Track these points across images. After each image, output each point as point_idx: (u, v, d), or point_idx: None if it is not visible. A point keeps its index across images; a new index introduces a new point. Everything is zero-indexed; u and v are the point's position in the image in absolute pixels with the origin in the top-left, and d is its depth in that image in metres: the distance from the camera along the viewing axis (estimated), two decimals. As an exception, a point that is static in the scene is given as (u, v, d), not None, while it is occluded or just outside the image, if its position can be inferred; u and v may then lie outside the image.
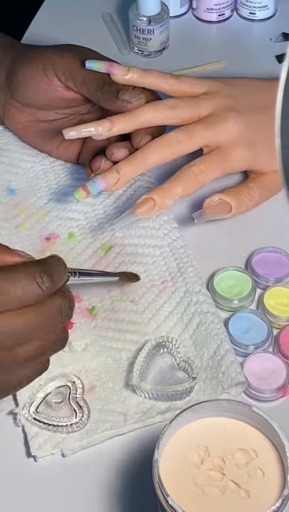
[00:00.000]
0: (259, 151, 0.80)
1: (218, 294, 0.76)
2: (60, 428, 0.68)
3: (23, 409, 0.69)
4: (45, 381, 0.70)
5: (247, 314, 0.75)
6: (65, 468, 0.67)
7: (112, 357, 0.72)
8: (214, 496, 0.56)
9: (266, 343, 0.73)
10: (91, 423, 0.68)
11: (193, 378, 0.69)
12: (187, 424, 0.59)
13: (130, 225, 0.80)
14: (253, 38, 1.06)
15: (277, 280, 0.77)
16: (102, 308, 0.76)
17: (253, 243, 0.81)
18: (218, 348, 0.72)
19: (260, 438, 0.58)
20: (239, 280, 0.77)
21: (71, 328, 0.74)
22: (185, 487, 0.56)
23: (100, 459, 0.67)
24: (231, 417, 0.59)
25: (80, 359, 0.72)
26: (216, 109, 0.81)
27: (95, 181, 0.76)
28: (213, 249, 0.81)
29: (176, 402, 0.69)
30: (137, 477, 0.66)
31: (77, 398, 0.69)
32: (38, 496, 0.66)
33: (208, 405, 0.59)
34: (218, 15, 1.06)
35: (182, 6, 1.07)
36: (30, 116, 0.85)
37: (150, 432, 0.68)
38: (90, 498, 0.65)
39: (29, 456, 0.67)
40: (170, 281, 0.77)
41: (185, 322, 0.74)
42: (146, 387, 0.69)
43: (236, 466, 0.57)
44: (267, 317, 0.74)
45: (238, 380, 0.69)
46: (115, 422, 0.68)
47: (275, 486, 0.56)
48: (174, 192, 0.76)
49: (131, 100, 0.77)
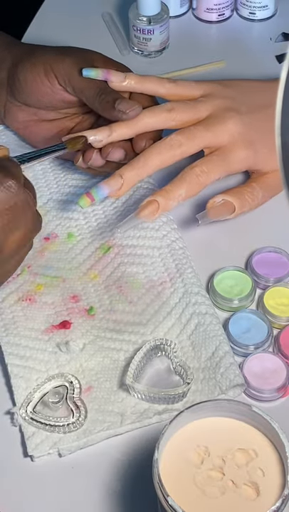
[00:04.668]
0: (259, 151, 0.80)
1: (219, 294, 0.76)
2: (57, 428, 0.68)
3: (20, 408, 0.69)
4: (43, 381, 0.70)
5: (247, 314, 0.75)
6: (64, 468, 0.67)
7: (110, 357, 0.72)
8: (214, 495, 0.56)
9: (266, 343, 0.73)
10: (88, 423, 0.68)
11: (187, 383, 0.69)
12: (187, 424, 0.59)
13: (134, 228, 0.79)
14: (253, 38, 1.05)
15: (277, 280, 0.77)
16: (101, 308, 0.76)
17: (253, 243, 0.80)
18: (217, 349, 0.72)
19: (260, 438, 0.58)
20: (239, 280, 0.77)
21: (69, 328, 0.74)
22: (185, 487, 0.56)
23: (100, 459, 0.67)
24: (231, 417, 0.59)
25: (77, 359, 0.72)
26: (215, 110, 0.81)
27: (99, 188, 0.76)
28: (213, 249, 0.81)
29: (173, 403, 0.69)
30: (137, 477, 0.66)
31: (75, 398, 0.69)
32: (35, 495, 0.66)
33: (208, 405, 0.59)
34: (218, 15, 1.06)
35: (182, 6, 1.07)
36: (32, 115, 0.85)
37: (150, 432, 0.68)
38: (90, 498, 0.65)
39: (26, 456, 0.67)
40: (169, 282, 0.77)
41: (183, 323, 0.74)
42: (140, 388, 0.69)
43: (236, 466, 0.57)
44: (267, 317, 0.74)
45: (236, 381, 0.69)
46: (112, 422, 0.68)
47: (275, 486, 0.56)
48: (176, 193, 0.76)
49: (126, 111, 0.77)
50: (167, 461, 0.57)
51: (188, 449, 0.58)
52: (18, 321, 0.75)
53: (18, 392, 0.70)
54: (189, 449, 0.58)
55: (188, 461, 0.57)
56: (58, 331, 0.74)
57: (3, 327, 0.74)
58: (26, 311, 0.75)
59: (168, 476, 0.56)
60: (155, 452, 0.56)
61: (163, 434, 0.57)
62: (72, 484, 0.66)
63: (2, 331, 0.74)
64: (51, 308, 0.76)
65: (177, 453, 0.57)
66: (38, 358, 0.72)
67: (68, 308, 0.75)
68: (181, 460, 0.57)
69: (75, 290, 0.77)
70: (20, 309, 0.75)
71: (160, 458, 0.56)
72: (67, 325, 0.74)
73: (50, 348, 0.73)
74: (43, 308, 0.76)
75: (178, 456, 0.57)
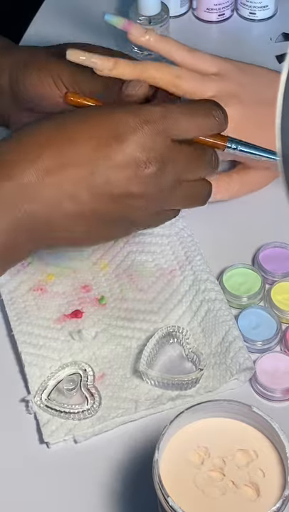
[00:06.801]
0: None
1: (228, 291, 0.76)
2: (72, 415, 0.68)
3: (35, 396, 0.69)
4: (57, 369, 0.71)
5: (256, 310, 0.75)
6: (65, 468, 0.67)
7: (122, 345, 0.73)
8: (214, 496, 0.56)
9: (275, 339, 0.73)
10: (102, 410, 0.69)
11: (200, 369, 0.69)
12: (187, 425, 0.59)
13: None
14: (253, 38, 1.06)
15: (284, 275, 0.78)
16: (112, 297, 0.76)
17: (258, 239, 0.81)
18: (227, 334, 0.72)
19: (261, 438, 0.58)
20: (248, 277, 0.78)
21: (81, 317, 0.74)
22: (185, 488, 0.56)
23: (100, 459, 0.67)
24: (232, 417, 0.59)
25: (90, 347, 0.72)
26: (221, 93, 0.81)
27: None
28: (218, 246, 0.81)
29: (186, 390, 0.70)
30: (137, 477, 0.66)
31: (89, 385, 0.70)
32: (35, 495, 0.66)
33: (208, 406, 0.59)
34: (218, 15, 1.06)
35: (182, 6, 1.07)
36: None
37: (150, 432, 0.68)
38: (90, 498, 0.65)
39: (42, 443, 0.68)
40: (178, 269, 0.78)
41: (194, 310, 0.75)
42: (153, 375, 0.69)
43: (236, 466, 0.57)
44: (275, 312, 0.74)
45: (246, 365, 0.70)
46: (126, 409, 0.69)
47: (276, 486, 0.56)
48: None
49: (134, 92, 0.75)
50: (167, 461, 0.57)
51: (189, 450, 0.58)
52: (30, 310, 0.75)
53: (32, 380, 0.70)
54: (189, 449, 0.58)
55: (188, 461, 0.57)
56: (69, 320, 0.74)
57: (15, 316, 0.75)
58: (38, 300, 0.76)
59: (168, 476, 0.56)
60: (155, 453, 0.56)
61: (163, 435, 0.57)
62: (72, 484, 0.66)
63: (15, 320, 0.74)
64: (63, 297, 0.76)
65: (177, 453, 0.57)
66: (51, 347, 0.72)
67: (80, 298, 0.76)
68: (182, 461, 0.57)
69: (86, 280, 0.77)
70: (32, 299, 0.76)
71: (160, 458, 0.56)
72: (78, 314, 0.75)
73: (63, 337, 0.73)
74: (54, 298, 0.76)
75: (178, 457, 0.57)
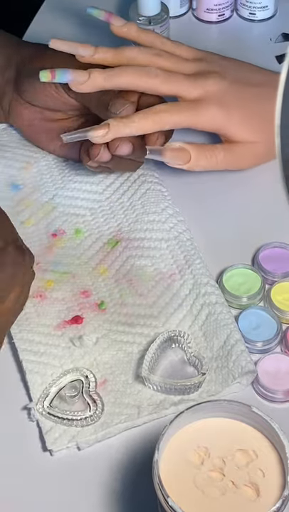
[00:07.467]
0: (233, 116, 0.80)
1: (227, 291, 0.76)
2: (75, 422, 0.68)
3: (37, 403, 0.69)
4: (58, 376, 0.71)
5: (256, 310, 0.75)
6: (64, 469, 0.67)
7: (124, 350, 0.73)
8: (214, 496, 0.55)
9: (276, 340, 0.73)
10: (105, 416, 0.68)
11: (202, 374, 0.69)
12: (187, 425, 0.58)
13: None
14: (253, 38, 1.06)
15: (284, 275, 0.77)
16: (112, 302, 0.76)
17: (258, 239, 0.81)
18: (228, 337, 0.72)
19: (260, 439, 0.58)
20: (248, 278, 0.77)
21: (81, 323, 0.74)
22: (185, 488, 0.56)
23: (100, 459, 0.67)
24: (231, 417, 0.59)
25: (91, 353, 0.72)
26: (200, 72, 0.82)
27: (65, 72, 0.77)
28: (218, 245, 0.81)
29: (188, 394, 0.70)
30: (137, 478, 0.66)
31: (91, 392, 0.69)
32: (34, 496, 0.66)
33: (208, 406, 0.58)
34: (218, 15, 1.06)
35: (182, 6, 1.07)
36: (37, 114, 0.85)
37: (150, 433, 0.68)
38: (90, 498, 0.65)
39: (45, 450, 0.67)
40: (178, 274, 0.77)
41: (194, 314, 0.74)
42: (155, 380, 0.69)
43: (236, 466, 0.57)
44: (275, 312, 0.74)
45: (248, 368, 0.70)
46: (129, 415, 0.68)
47: (275, 486, 0.56)
48: (130, 120, 0.75)
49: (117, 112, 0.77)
50: (167, 461, 0.57)
51: (189, 450, 0.57)
52: (31, 317, 0.75)
53: (34, 388, 0.70)
54: (189, 449, 0.58)
55: (188, 461, 0.57)
56: (70, 326, 0.74)
57: (15, 324, 0.74)
58: (38, 307, 0.76)
59: (168, 476, 0.56)
60: (155, 453, 0.56)
61: (163, 435, 0.57)
62: (72, 484, 0.66)
63: (15, 327, 0.74)
64: (62, 304, 0.76)
65: (177, 454, 0.57)
66: (52, 354, 0.72)
67: (79, 304, 0.76)
68: (181, 461, 0.57)
69: (85, 285, 0.77)
70: (31, 306, 0.75)
71: (160, 459, 0.56)
72: (79, 320, 0.74)
73: (64, 343, 0.73)
74: (54, 304, 0.76)
75: (178, 457, 0.57)
